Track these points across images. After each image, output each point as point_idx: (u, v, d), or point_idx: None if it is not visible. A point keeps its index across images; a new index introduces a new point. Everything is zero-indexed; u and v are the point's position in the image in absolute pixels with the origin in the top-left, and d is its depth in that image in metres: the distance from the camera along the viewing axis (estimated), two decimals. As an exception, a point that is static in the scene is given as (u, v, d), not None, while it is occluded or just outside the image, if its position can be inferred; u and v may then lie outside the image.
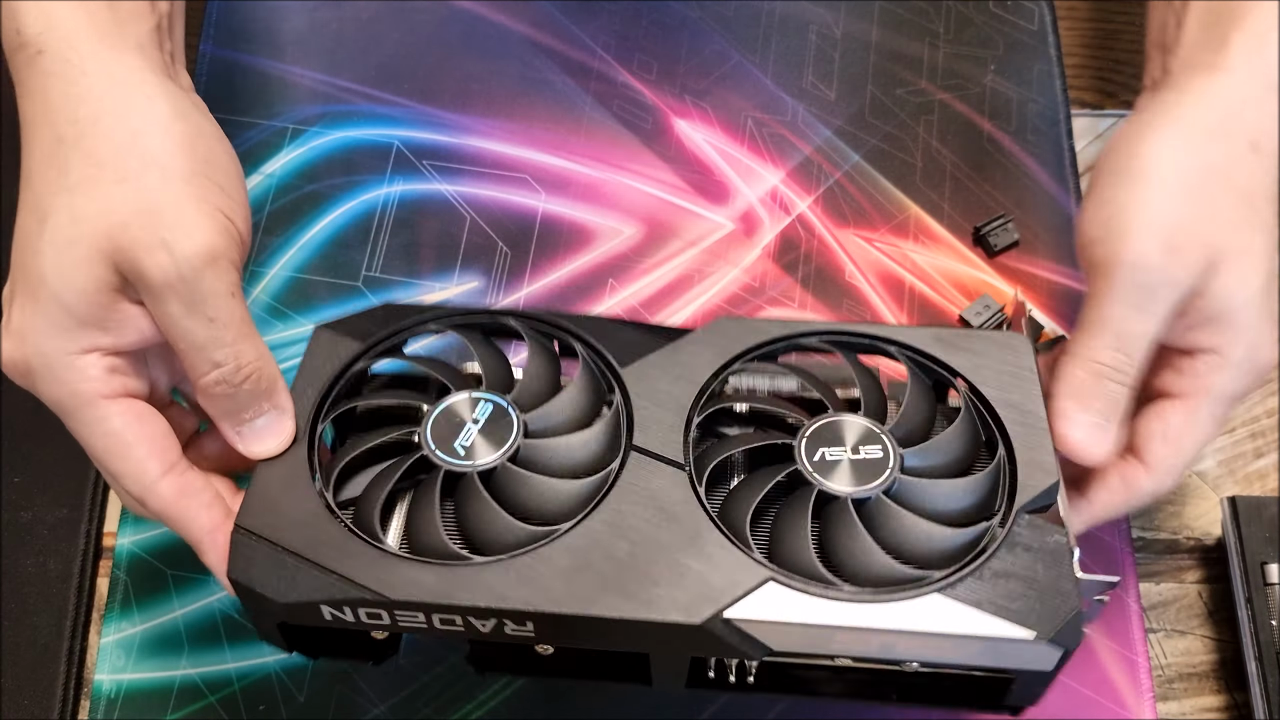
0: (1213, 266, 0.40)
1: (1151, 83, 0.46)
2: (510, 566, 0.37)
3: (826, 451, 0.40)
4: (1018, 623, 0.36)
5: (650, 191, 0.60)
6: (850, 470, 0.39)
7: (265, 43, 0.63)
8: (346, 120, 0.61)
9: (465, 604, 0.37)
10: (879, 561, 0.38)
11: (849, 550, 0.38)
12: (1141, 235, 0.40)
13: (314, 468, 0.40)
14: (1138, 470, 0.42)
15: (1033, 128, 0.62)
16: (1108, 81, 0.63)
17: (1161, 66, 0.45)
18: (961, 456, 0.41)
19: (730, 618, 0.36)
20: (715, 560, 0.37)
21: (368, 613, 0.37)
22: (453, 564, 0.38)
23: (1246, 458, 0.54)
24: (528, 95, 0.62)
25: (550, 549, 0.38)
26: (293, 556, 0.38)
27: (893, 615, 0.36)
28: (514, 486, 0.40)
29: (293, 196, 0.59)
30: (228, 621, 0.50)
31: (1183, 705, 0.50)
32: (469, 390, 0.42)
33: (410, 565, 0.37)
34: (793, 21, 0.65)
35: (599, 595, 0.37)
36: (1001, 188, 0.60)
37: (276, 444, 0.41)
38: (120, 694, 0.49)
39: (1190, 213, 0.40)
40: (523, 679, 0.49)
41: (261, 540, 0.38)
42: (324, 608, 0.37)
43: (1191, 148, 0.41)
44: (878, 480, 0.39)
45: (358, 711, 0.48)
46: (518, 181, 0.60)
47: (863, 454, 0.40)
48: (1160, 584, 0.52)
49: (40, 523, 0.52)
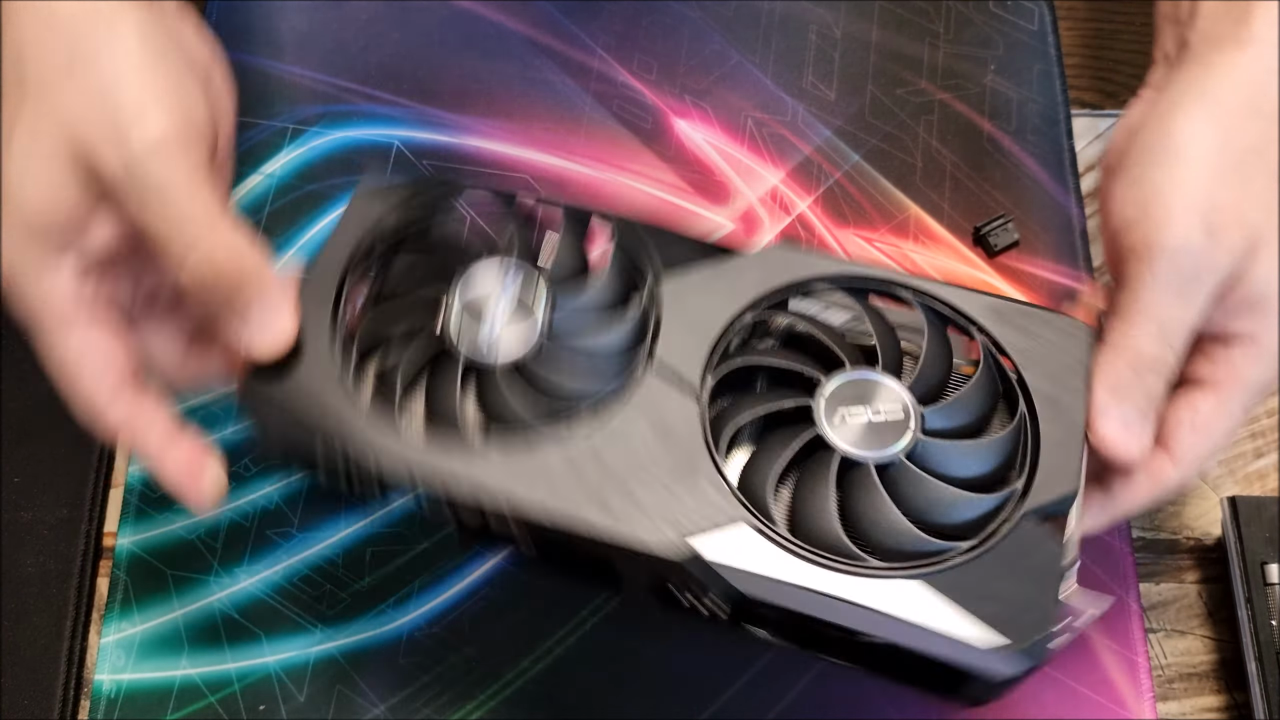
0: (1252, 249, 0.39)
1: (1164, 57, 0.45)
2: (506, 460, 0.38)
3: (846, 412, 0.39)
4: (988, 626, 0.35)
5: (650, 191, 0.60)
6: (871, 432, 0.39)
7: (265, 43, 0.63)
8: (346, 120, 0.61)
9: (452, 493, 0.38)
10: (900, 529, 0.37)
11: (872, 520, 0.38)
12: (1182, 218, 0.39)
13: (336, 330, 0.40)
14: (1164, 462, 0.41)
15: (1033, 128, 0.62)
16: (1108, 81, 0.63)
17: (1176, 40, 0.44)
18: (982, 415, 0.40)
19: (701, 554, 0.36)
20: (702, 496, 0.37)
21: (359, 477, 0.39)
22: (448, 448, 0.38)
23: (1246, 458, 0.54)
24: (528, 95, 0.62)
25: (548, 449, 0.38)
26: (297, 415, 0.39)
27: (866, 591, 0.36)
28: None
29: (293, 196, 0.59)
30: (228, 621, 0.50)
31: (1183, 705, 0.50)
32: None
33: (405, 443, 0.38)
34: (793, 21, 0.65)
35: (582, 505, 0.37)
36: (1001, 188, 0.60)
37: (272, 340, 0.39)
38: (120, 694, 0.49)
39: (1229, 194, 0.39)
40: (524, 679, 0.49)
41: (270, 391, 0.39)
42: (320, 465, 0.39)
43: (1224, 126, 0.40)
44: (898, 444, 0.38)
45: (358, 711, 0.48)
46: (518, 181, 0.60)
47: (884, 415, 0.39)
48: (1160, 584, 0.52)
49: (40, 523, 0.52)
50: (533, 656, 0.50)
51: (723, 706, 0.49)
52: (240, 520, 0.52)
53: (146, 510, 0.52)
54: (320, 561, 0.51)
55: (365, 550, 0.52)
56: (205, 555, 0.51)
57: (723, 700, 0.49)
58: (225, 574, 0.51)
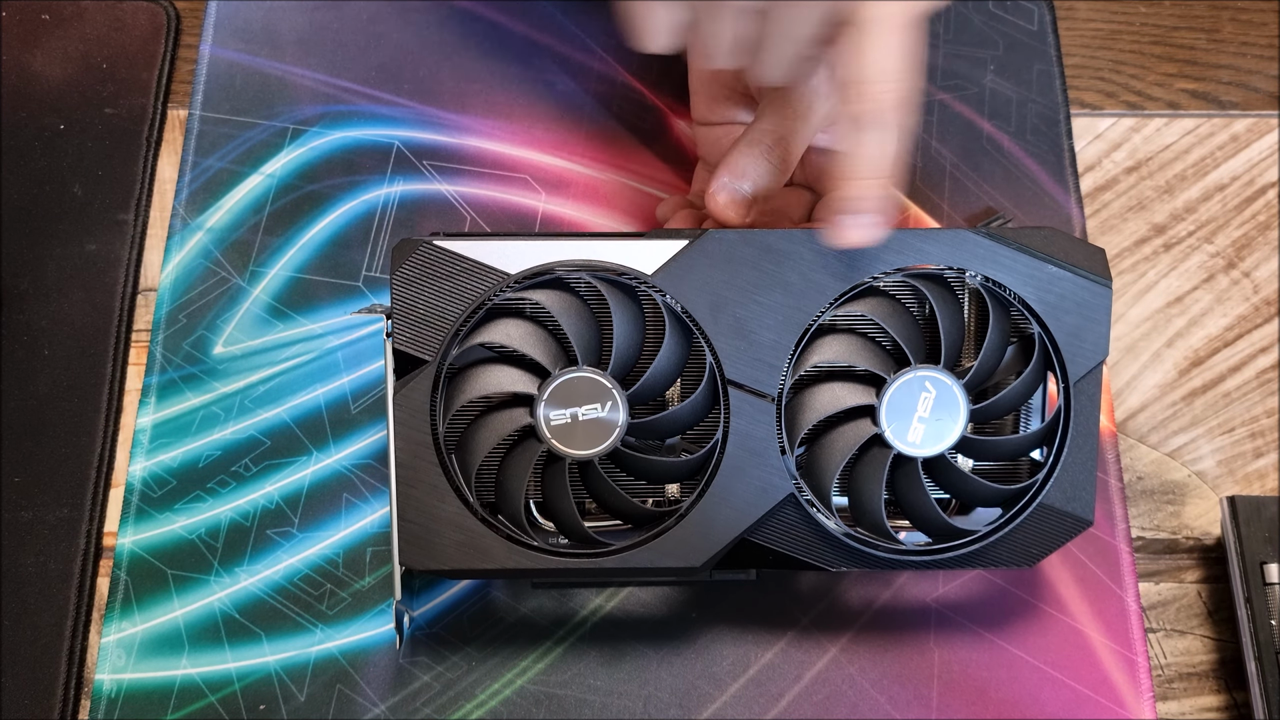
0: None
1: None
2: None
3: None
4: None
5: (650, 191, 0.60)
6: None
7: (265, 43, 0.63)
8: (346, 120, 0.61)
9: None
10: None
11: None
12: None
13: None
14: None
15: (1032, 128, 0.62)
16: (1108, 81, 0.63)
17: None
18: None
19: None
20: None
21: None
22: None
23: (1246, 458, 0.54)
24: (528, 95, 0.62)
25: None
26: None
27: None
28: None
29: (293, 196, 0.59)
30: (228, 621, 0.50)
31: (1182, 705, 0.50)
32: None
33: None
34: (793, 21, 0.65)
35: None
36: (1001, 188, 0.60)
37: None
38: (120, 694, 0.49)
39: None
40: (524, 679, 0.49)
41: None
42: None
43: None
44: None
45: (358, 711, 0.48)
46: (518, 181, 0.60)
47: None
48: (1160, 584, 0.52)
49: (40, 523, 0.52)
50: (533, 656, 0.50)
51: (723, 706, 0.49)
52: (240, 520, 0.52)
53: (146, 510, 0.52)
54: (320, 561, 0.51)
55: (365, 550, 0.52)
56: (205, 555, 0.51)
57: (723, 700, 0.49)
58: (225, 574, 0.51)
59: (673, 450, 0.46)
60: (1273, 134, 0.61)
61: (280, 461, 0.53)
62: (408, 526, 0.43)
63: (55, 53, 0.61)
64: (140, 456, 0.53)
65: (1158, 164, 0.60)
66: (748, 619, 0.50)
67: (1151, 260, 0.58)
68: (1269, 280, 0.58)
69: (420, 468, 0.43)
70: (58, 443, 0.53)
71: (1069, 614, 0.51)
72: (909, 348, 0.43)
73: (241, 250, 0.57)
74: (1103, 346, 0.43)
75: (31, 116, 0.60)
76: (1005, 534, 0.44)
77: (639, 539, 0.43)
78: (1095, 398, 0.44)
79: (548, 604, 0.51)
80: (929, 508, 0.44)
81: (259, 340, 0.55)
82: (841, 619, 0.51)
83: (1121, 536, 0.52)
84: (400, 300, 0.43)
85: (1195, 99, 0.62)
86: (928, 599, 0.51)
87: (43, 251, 0.57)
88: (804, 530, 0.44)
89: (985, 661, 0.50)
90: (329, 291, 0.57)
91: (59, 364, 0.55)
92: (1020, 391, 0.44)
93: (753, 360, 0.43)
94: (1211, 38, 0.64)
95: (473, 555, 0.43)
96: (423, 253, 0.43)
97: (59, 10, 0.62)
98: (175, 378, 0.55)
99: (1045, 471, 0.44)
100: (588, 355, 0.43)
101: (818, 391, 0.44)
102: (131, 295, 0.57)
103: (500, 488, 0.44)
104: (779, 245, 0.43)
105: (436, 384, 0.43)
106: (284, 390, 0.54)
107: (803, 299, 0.43)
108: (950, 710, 0.49)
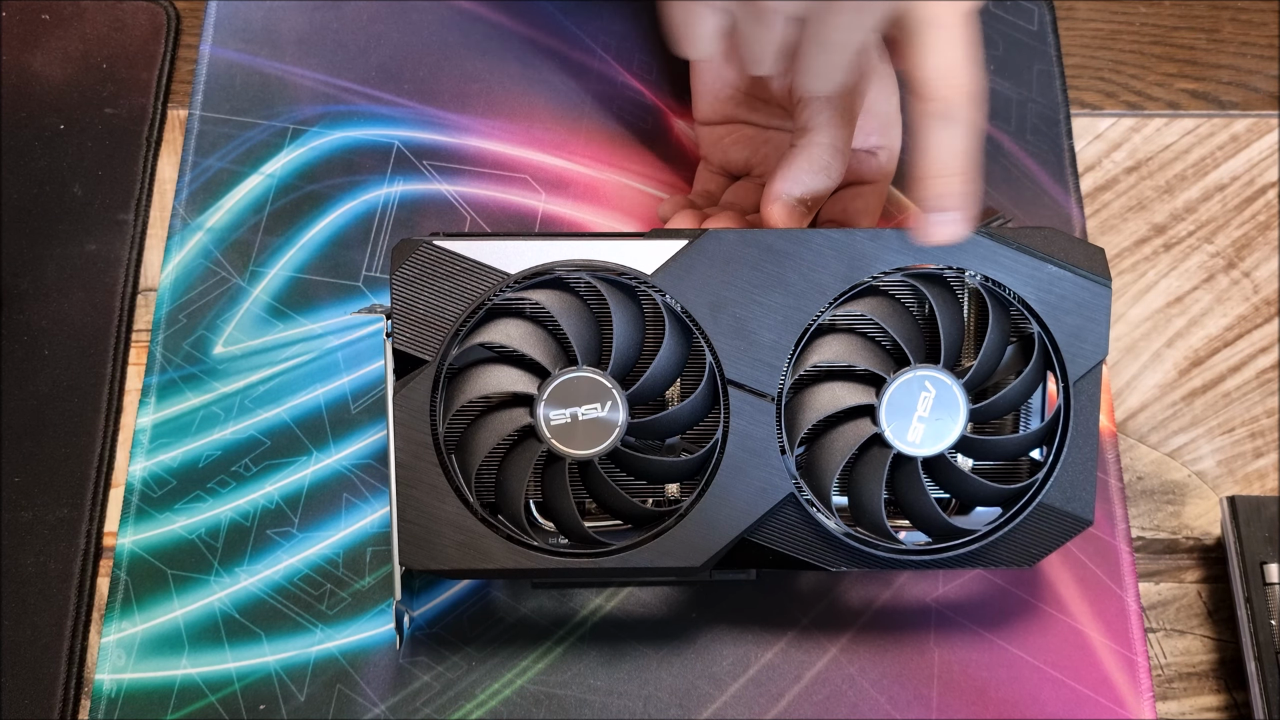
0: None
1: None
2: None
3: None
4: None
5: (650, 191, 0.60)
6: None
7: (265, 43, 0.63)
8: (346, 120, 0.61)
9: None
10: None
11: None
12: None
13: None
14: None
15: (1032, 128, 0.62)
16: (1108, 81, 0.63)
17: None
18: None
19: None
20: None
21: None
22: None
23: (1246, 458, 0.54)
24: (528, 95, 0.62)
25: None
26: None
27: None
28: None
29: (293, 196, 0.59)
30: (228, 621, 0.50)
31: (1182, 705, 0.50)
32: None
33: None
34: (793, 21, 0.65)
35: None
36: (1001, 188, 0.60)
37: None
38: (120, 694, 0.49)
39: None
40: (525, 679, 0.49)
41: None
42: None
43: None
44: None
45: (358, 711, 0.48)
46: (518, 181, 0.60)
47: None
48: (1160, 584, 0.52)
49: (40, 523, 0.52)
50: (533, 656, 0.50)
51: (723, 706, 0.49)
52: (240, 520, 0.52)
53: (146, 510, 0.52)
54: (320, 561, 0.51)
55: (365, 550, 0.52)
56: (205, 555, 0.51)
57: (723, 700, 0.49)
58: (225, 574, 0.51)
59: (673, 450, 0.46)
60: (1273, 134, 0.61)
61: (280, 461, 0.53)
62: (408, 527, 0.43)
63: (55, 53, 0.61)
64: (140, 456, 0.53)
65: (1158, 164, 0.60)
66: (748, 619, 0.50)
67: (1151, 260, 0.58)
68: (1269, 280, 0.58)
69: (420, 468, 0.43)
70: (58, 443, 0.53)
71: (1069, 614, 0.51)
72: (909, 347, 0.43)
73: (241, 250, 0.57)
74: (1102, 346, 0.43)
75: (31, 116, 0.60)
76: (1005, 534, 0.44)
77: (639, 539, 0.43)
78: (1095, 397, 0.44)
79: (548, 604, 0.51)
80: (929, 507, 0.44)
81: (259, 340, 0.55)
82: (841, 619, 0.51)
83: (1121, 536, 0.52)
84: (400, 300, 0.43)
85: (1195, 99, 0.62)
86: (928, 599, 0.51)
87: (43, 251, 0.57)
88: (804, 530, 0.44)
89: (985, 661, 0.50)
90: (329, 291, 0.57)
91: (59, 364, 0.55)
92: (1020, 391, 0.44)
93: (752, 360, 0.43)
94: (1211, 38, 0.64)
95: (473, 555, 0.43)
96: (423, 253, 0.43)
97: (59, 10, 0.63)
98: (175, 378, 0.55)
99: (1045, 471, 0.44)
100: (588, 355, 0.43)
101: (817, 391, 0.44)
102: (131, 295, 0.57)
103: (500, 488, 0.44)
104: (779, 245, 0.43)
105: (436, 384, 0.43)
106: (284, 390, 0.54)
107: (802, 299, 0.43)
108: (950, 710, 0.49)
